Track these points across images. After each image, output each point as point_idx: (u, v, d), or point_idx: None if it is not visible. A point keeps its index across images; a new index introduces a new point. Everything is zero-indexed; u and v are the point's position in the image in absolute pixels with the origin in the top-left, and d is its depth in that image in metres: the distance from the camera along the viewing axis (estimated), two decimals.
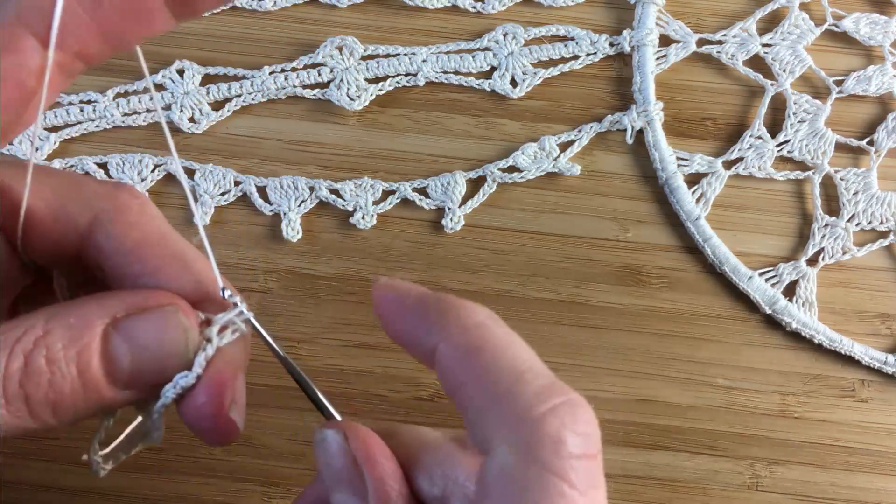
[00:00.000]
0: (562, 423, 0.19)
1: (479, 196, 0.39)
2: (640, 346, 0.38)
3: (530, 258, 0.39)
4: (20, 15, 0.18)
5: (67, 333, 0.20)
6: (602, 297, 0.39)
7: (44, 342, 0.20)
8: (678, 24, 0.40)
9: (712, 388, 0.38)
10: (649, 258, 0.39)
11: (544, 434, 0.19)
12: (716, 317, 0.38)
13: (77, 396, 0.20)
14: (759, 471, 0.37)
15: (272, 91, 0.40)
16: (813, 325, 0.38)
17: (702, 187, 0.39)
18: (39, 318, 0.20)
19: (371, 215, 0.39)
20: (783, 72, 0.40)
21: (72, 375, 0.20)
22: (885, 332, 0.38)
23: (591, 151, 0.40)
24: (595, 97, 0.40)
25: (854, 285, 0.39)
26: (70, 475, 0.37)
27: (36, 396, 0.19)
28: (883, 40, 0.40)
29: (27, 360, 0.19)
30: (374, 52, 0.40)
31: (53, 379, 0.20)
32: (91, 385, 0.20)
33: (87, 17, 0.19)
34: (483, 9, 0.41)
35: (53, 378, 0.20)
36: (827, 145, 0.39)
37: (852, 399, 0.38)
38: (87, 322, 0.20)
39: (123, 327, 0.21)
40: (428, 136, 0.40)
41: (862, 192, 0.39)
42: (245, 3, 0.40)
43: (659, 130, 0.39)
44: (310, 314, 0.38)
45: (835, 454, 0.37)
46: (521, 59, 0.40)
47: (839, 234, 0.39)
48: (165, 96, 0.40)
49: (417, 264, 0.39)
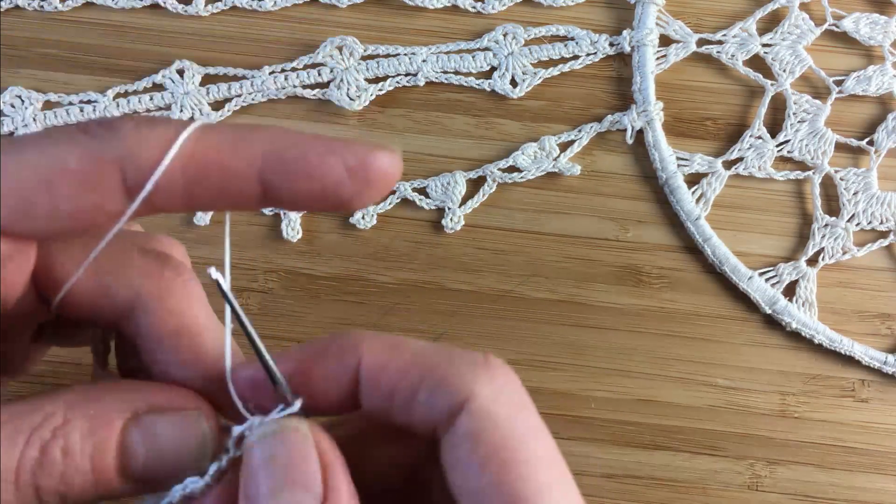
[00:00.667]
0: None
1: (479, 196, 0.39)
2: (641, 346, 0.38)
3: (530, 258, 0.39)
4: (121, 158, 0.19)
5: (87, 426, 0.20)
6: (602, 297, 0.39)
7: (62, 433, 0.19)
8: (678, 24, 0.40)
9: (712, 388, 0.38)
10: (649, 258, 0.39)
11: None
12: (716, 317, 0.38)
13: (87, 488, 0.20)
14: (760, 471, 0.37)
15: (272, 91, 0.40)
16: (813, 325, 0.38)
17: (702, 187, 0.39)
18: (59, 406, 0.20)
19: (371, 215, 0.39)
20: (783, 72, 0.40)
21: (85, 469, 0.20)
22: (885, 332, 0.38)
23: (591, 151, 0.40)
24: (595, 97, 0.40)
25: (854, 285, 0.39)
26: None
27: (47, 487, 0.19)
28: (883, 40, 0.40)
29: (43, 450, 0.19)
30: (374, 52, 0.40)
31: (66, 472, 0.19)
32: (102, 478, 0.20)
33: (180, 189, 0.19)
34: (483, 9, 0.41)
35: (67, 471, 0.19)
36: (827, 145, 0.39)
37: (852, 399, 0.38)
38: (107, 417, 0.20)
39: (143, 424, 0.20)
40: (428, 136, 0.40)
41: (862, 192, 0.39)
42: (245, 3, 0.40)
43: (659, 130, 0.39)
44: (310, 314, 0.38)
45: (835, 454, 0.37)
46: (521, 59, 0.40)
47: (839, 234, 0.39)
48: (165, 96, 0.40)
49: (417, 264, 0.39)
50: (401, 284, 0.38)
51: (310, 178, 0.20)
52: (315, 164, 0.19)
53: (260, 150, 0.19)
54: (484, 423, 0.20)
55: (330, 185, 0.20)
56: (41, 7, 0.40)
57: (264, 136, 0.19)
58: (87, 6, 0.40)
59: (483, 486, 0.19)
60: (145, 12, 0.41)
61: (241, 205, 0.20)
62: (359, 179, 0.20)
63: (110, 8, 0.40)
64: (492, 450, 0.19)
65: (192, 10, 0.40)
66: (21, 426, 0.19)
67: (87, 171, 0.19)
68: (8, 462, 0.19)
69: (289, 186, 0.20)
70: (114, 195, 0.19)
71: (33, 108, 0.39)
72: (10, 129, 0.39)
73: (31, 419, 0.19)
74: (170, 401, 0.21)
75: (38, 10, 0.40)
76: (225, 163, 0.19)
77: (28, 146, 0.19)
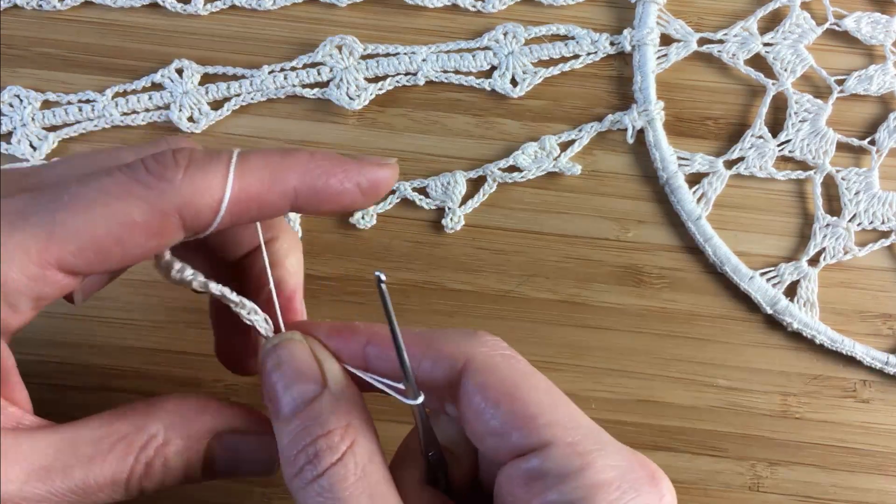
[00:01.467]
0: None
1: (480, 196, 0.39)
2: (641, 346, 0.38)
3: (530, 258, 0.39)
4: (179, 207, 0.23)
5: (182, 444, 0.25)
6: (602, 298, 0.38)
7: (163, 451, 0.25)
8: (679, 24, 0.40)
9: (713, 388, 0.38)
10: (650, 258, 0.39)
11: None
12: (717, 317, 0.38)
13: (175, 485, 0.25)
14: (761, 471, 0.37)
15: (271, 90, 0.40)
16: (814, 326, 0.38)
17: (703, 187, 0.39)
18: (160, 428, 0.25)
19: (371, 215, 0.39)
20: (784, 71, 0.40)
21: (179, 476, 0.25)
22: (887, 332, 0.38)
23: (592, 151, 0.40)
24: (596, 96, 0.40)
25: (855, 285, 0.39)
26: None
27: (148, 488, 0.25)
28: (884, 39, 0.40)
29: (148, 465, 0.24)
30: (374, 51, 0.40)
31: (165, 479, 0.25)
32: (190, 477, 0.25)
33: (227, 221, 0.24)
34: (483, 8, 0.40)
35: (165, 478, 0.25)
36: (828, 145, 0.39)
37: (853, 399, 0.38)
38: (197, 436, 0.25)
39: (225, 443, 0.26)
40: (428, 136, 0.40)
41: (863, 191, 0.39)
42: (244, 2, 0.40)
43: (660, 130, 0.39)
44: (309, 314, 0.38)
45: (836, 455, 0.37)
46: (522, 58, 0.40)
47: (840, 233, 0.39)
48: (164, 95, 0.40)
49: (417, 264, 0.39)
50: (401, 284, 0.38)
51: (332, 201, 0.25)
52: (337, 191, 0.25)
53: (293, 185, 0.24)
54: (486, 375, 0.24)
55: (347, 203, 0.25)
56: (40, 6, 0.40)
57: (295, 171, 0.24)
58: (85, 5, 0.40)
59: (500, 422, 0.23)
60: (144, 11, 0.40)
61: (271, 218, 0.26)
62: (369, 195, 0.25)
63: (109, 7, 0.40)
64: (499, 392, 0.24)
65: (191, 9, 0.40)
66: (131, 447, 0.24)
67: (150, 223, 0.22)
68: (120, 474, 0.24)
69: (314, 208, 0.25)
70: (174, 236, 0.23)
71: (32, 108, 0.39)
72: (8, 128, 0.39)
73: (138, 439, 0.24)
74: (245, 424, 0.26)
75: (36, 10, 0.40)
76: (264, 198, 0.24)
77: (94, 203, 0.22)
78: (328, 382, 0.25)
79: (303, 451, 0.24)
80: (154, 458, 0.24)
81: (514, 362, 0.25)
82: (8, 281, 0.22)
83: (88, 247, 0.22)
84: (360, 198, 0.25)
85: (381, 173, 0.25)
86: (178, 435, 0.25)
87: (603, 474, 0.22)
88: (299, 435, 0.24)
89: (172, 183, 0.22)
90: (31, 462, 0.23)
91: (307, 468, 0.23)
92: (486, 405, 0.24)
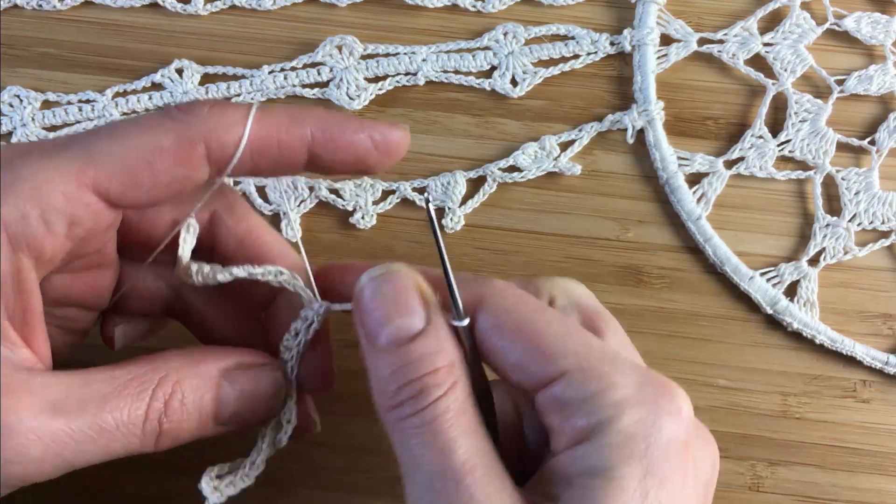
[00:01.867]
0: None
1: (480, 196, 0.39)
2: (641, 346, 0.38)
3: (530, 258, 0.39)
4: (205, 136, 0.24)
5: (195, 382, 0.25)
6: (602, 297, 0.38)
7: (178, 388, 0.25)
8: (679, 24, 0.40)
9: (713, 388, 0.38)
10: (650, 258, 0.39)
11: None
12: (717, 317, 0.38)
13: (191, 431, 0.25)
14: (761, 471, 0.37)
15: (271, 90, 0.40)
16: (814, 326, 0.38)
17: (703, 187, 0.39)
18: (172, 368, 0.25)
19: (371, 215, 0.39)
20: (784, 71, 0.40)
21: (194, 416, 0.25)
22: (887, 332, 0.38)
23: (592, 151, 0.40)
24: (596, 96, 0.40)
25: (855, 285, 0.39)
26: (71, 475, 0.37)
27: (167, 430, 0.25)
28: (884, 39, 0.40)
29: (167, 403, 0.24)
30: (374, 51, 0.40)
31: (182, 418, 0.25)
32: (202, 423, 0.26)
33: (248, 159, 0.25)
34: (483, 8, 0.40)
35: (182, 417, 0.25)
36: (828, 145, 0.39)
37: (854, 400, 0.38)
38: (208, 374, 0.26)
39: (233, 378, 0.26)
40: (428, 136, 0.40)
41: (863, 191, 0.39)
42: (244, 2, 0.40)
43: (660, 130, 0.39)
44: None
45: (836, 455, 0.37)
46: (522, 58, 0.40)
47: (840, 233, 0.39)
48: (164, 95, 0.40)
49: (417, 264, 0.38)
50: None
51: (346, 150, 0.26)
52: (351, 140, 0.26)
53: (309, 129, 0.26)
54: (500, 315, 0.25)
55: (361, 154, 0.26)
56: (40, 6, 0.40)
57: (311, 118, 0.26)
58: (85, 5, 0.40)
59: (520, 354, 0.25)
60: (144, 11, 0.40)
61: (290, 171, 0.27)
62: (381, 150, 0.27)
63: (109, 7, 0.40)
64: (513, 330, 0.25)
65: (191, 9, 0.40)
66: (145, 385, 0.24)
67: (178, 150, 0.24)
68: (136, 413, 0.24)
69: (330, 157, 0.26)
70: (200, 167, 0.25)
71: (32, 108, 0.39)
72: (8, 128, 0.39)
73: (152, 378, 0.24)
74: (249, 359, 0.27)
75: (36, 10, 0.40)
76: (283, 138, 0.25)
77: (128, 134, 0.24)
78: (432, 320, 0.25)
79: (408, 385, 0.24)
80: (171, 395, 0.24)
81: (525, 300, 0.26)
82: (44, 195, 0.23)
83: (121, 170, 0.24)
84: (373, 152, 0.26)
85: (393, 132, 0.27)
86: (190, 374, 0.25)
87: (622, 392, 0.24)
88: (404, 369, 0.24)
89: (199, 116, 0.24)
90: (42, 397, 0.23)
91: (409, 403, 0.24)
92: (502, 342, 0.25)
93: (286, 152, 0.26)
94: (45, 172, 0.23)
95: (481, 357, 0.26)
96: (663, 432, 0.24)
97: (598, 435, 0.23)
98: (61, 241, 0.24)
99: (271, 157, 0.26)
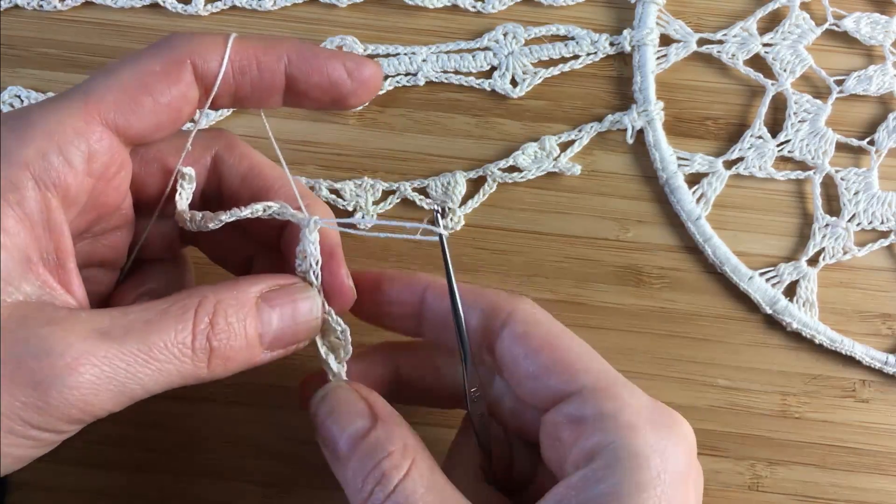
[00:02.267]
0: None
1: (480, 196, 0.39)
2: (641, 346, 0.38)
3: (530, 258, 0.39)
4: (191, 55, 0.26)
5: (235, 303, 0.25)
6: (602, 297, 0.38)
7: (221, 307, 0.25)
8: (679, 24, 0.40)
9: (713, 388, 0.38)
10: (650, 258, 0.39)
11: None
12: (716, 317, 0.38)
13: (241, 353, 0.25)
14: (760, 471, 0.37)
15: None
16: (814, 326, 0.38)
17: (702, 187, 0.39)
18: (209, 292, 0.25)
19: (371, 215, 0.39)
20: (784, 71, 0.40)
21: (241, 335, 0.25)
22: (886, 332, 0.38)
23: (592, 151, 0.40)
24: (595, 97, 0.40)
25: (855, 285, 0.39)
26: (71, 475, 0.37)
27: (217, 350, 0.25)
28: (884, 40, 0.40)
29: (212, 321, 0.24)
30: (374, 51, 0.40)
31: (230, 337, 0.25)
32: (250, 345, 0.26)
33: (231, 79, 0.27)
34: (483, 8, 0.41)
35: (230, 336, 0.25)
36: (827, 145, 0.39)
37: (853, 399, 0.38)
38: (246, 294, 0.26)
39: (270, 299, 0.26)
40: (428, 136, 0.40)
41: (863, 191, 0.39)
42: (245, 3, 0.40)
43: (659, 130, 0.39)
44: None
45: (836, 454, 0.37)
46: (522, 58, 0.40)
47: (840, 233, 0.39)
48: None
49: (417, 264, 0.39)
50: None
51: (320, 72, 0.27)
52: (324, 63, 0.27)
53: (285, 51, 0.27)
54: (529, 326, 0.27)
55: (335, 79, 0.27)
56: (41, 7, 0.40)
57: (287, 42, 0.27)
58: (86, 6, 0.40)
59: (541, 366, 0.27)
60: (145, 12, 0.40)
61: (270, 97, 0.28)
62: (354, 78, 0.28)
63: (110, 7, 0.40)
64: (540, 341, 0.27)
65: (191, 10, 0.40)
66: (187, 306, 0.24)
67: (169, 70, 0.26)
68: (183, 332, 0.24)
69: (305, 79, 0.27)
70: (191, 85, 0.26)
71: None
72: None
73: (191, 301, 0.25)
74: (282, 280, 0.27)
75: (37, 10, 0.40)
76: (261, 58, 0.27)
77: (121, 67, 0.25)
78: (378, 414, 0.27)
79: (369, 475, 0.25)
80: (215, 315, 0.25)
81: (553, 319, 0.28)
82: (58, 133, 0.24)
83: (121, 97, 0.25)
84: (346, 80, 0.28)
85: (367, 63, 0.28)
86: (228, 297, 0.25)
87: (635, 415, 0.25)
88: (363, 463, 0.26)
89: (182, 39, 0.26)
90: (88, 326, 0.23)
91: (377, 490, 0.25)
92: (527, 352, 0.27)
93: (265, 73, 0.27)
94: (54, 115, 0.24)
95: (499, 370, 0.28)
96: (672, 458, 0.25)
97: (610, 454, 0.24)
98: (82, 177, 0.25)
99: (252, 79, 0.27)
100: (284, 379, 0.37)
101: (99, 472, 0.37)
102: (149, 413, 0.37)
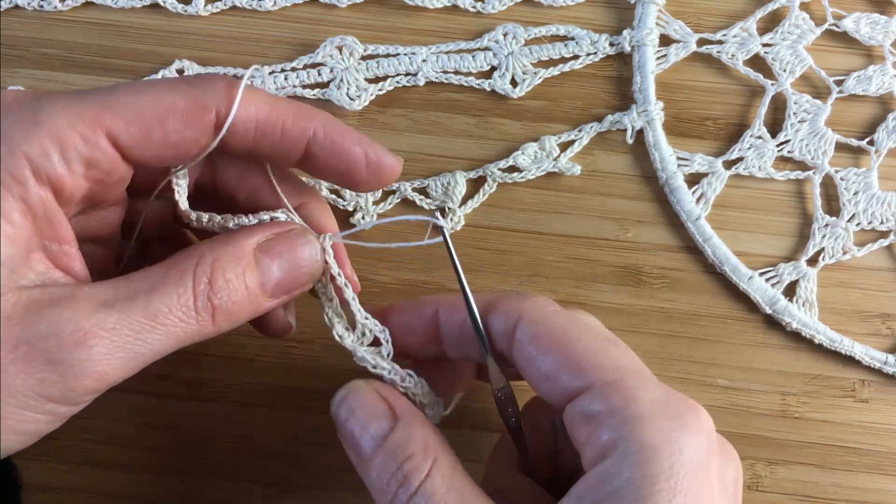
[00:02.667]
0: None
1: (479, 196, 0.39)
2: (640, 346, 0.38)
3: (530, 258, 0.39)
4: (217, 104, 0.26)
5: (232, 258, 0.26)
6: (602, 297, 0.38)
7: (219, 265, 0.26)
8: (678, 24, 0.40)
9: (712, 388, 0.38)
10: (649, 258, 0.39)
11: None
12: (716, 317, 0.38)
13: (245, 306, 0.26)
14: (760, 471, 0.37)
15: (272, 91, 0.40)
16: (813, 326, 0.38)
17: (702, 187, 0.39)
18: (204, 249, 0.26)
19: (371, 215, 0.39)
20: (783, 71, 0.40)
21: (242, 289, 0.26)
22: (886, 332, 0.38)
23: (592, 151, 0.40)
24: (595, 97, 0.40)
25: (854, 285, 0.39)
26: (70, 475, 0.37)
27: (220, 307, 0.25)
28: (883, 40, 0.40)
29: (211, 280, 0.25)
30: (374, 51, 0.40)
31: (230, 292, 0.26)
32: (252, 296, 0.26)
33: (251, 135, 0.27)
34: (483, 8, 0.41)
35: (231, 292, 0.26)
36: (827, 145, 0.39)
37: (853, 399, 0.38)
38: (242, 248, 0.26)
39: (267, 248, 0.27)
40: (428, 136, 0.40)
41: (862, 191, 0.39)
42: (245, 3, 0.40)
43: (659, 130, 0.39)
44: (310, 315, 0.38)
45: (835, 454, 0.37)
46: (521, 58, 0.40)
47: (839, 233, 0.39)
48: None
49: (417, 264, 0.39)
50: (401, 284, 0.38)
51: (340, 157, 0.28)
52: (347, 149, 0.28)
53: (313, 126, 0.27)
54: (537, 326, 0.27)
55: (352, 167, 0.28)
56: (41, 7, 0.40)
57: (318, 117, 0.28)
58: (86, 6, 0.40)
59: (551, 367, 0.26)
60: (145, 12, 0.40)
61: (285, 160, 0.28)
62: (371, 169, 0.28)
63: (110, 8, 0.40)
64: (550, 340, 0.27)
65: (191, 10, 0.40)
66: (185, 269, 0.25)
67: (190, 112, 0.26)
68: (184, 294, 0.25)
69: (324, 158, 0.28)
70: (207, 132, 0.26)
71: None
72: None
73: (189, 263, 0.25)
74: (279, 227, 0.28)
75: (37, 10, 0.40)
76: (287, 126, 0.27)
77: (146, 91, 0.26)
78: (398, 415, 0.27)
79: (392, 477, 0.26)
80: (213, 273, 0.25)
81: (561, 315, 0.28)
82: (64, 135, 0.24)
83: (135, 122, 0.25)
84: (363, 168, 0.28)
85: (388, 157, 0.29)
86: (224, 252, 0.26)
87: (645, 407, 0.25)
88: (385, 465, 0.26)
89: (216, 86, 0.26)
90: (92, 300, 0.24)
91: (400, 492, 0.25)
92: (537, 353, 0.27)
93: (287, 140, 0.27)
94: (64, 115, 0.24)
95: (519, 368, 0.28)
96: (687, 449, 0.24)
97: (621, 449, 0.24)
98: (79, 181, 0.25)
99: (272, 141, 0.27)
100: (286, 379, 0.38)
101: (99, 472, 0.37)
102: (150, 413, 0.37)
